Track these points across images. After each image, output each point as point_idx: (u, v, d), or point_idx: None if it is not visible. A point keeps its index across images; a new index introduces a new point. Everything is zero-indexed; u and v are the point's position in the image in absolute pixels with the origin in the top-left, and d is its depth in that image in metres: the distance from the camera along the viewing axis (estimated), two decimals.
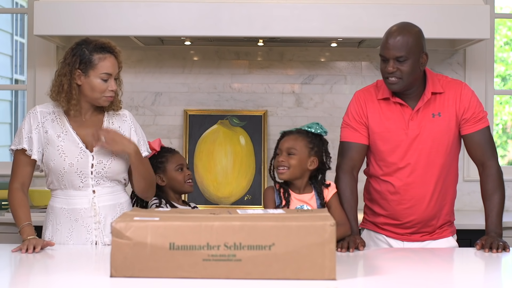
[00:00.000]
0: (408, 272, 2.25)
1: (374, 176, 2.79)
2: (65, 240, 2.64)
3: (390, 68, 2.60)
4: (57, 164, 2.61)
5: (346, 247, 2.56)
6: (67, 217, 2.64)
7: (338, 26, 3.57)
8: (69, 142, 2.62)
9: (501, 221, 2.68)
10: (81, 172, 2.61)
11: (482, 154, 2.71)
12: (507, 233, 3.05)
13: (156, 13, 3.56)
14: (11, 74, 8.19)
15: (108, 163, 2.63)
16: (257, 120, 4.09)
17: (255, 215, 2.08)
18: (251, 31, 3.59)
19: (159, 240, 1.96)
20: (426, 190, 2.70)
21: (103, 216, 2.64)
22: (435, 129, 2.68)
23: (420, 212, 2.71)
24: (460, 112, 2.69)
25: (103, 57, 2.61)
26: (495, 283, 2.18)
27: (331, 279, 1.95)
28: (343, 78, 4.16)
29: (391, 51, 2.59)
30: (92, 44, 2.62)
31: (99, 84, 2.60)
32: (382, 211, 2.78)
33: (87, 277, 2.07)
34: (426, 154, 2.68)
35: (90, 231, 2.63)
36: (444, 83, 2.72)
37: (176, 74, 4.15)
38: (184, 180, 2.94)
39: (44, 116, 2.66)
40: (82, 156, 2.62)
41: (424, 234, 2.76)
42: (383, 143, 2.72)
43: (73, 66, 2.60)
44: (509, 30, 9.98)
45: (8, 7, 7.93)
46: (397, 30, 2.62)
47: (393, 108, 2.71)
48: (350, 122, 2.78)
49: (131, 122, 2.76)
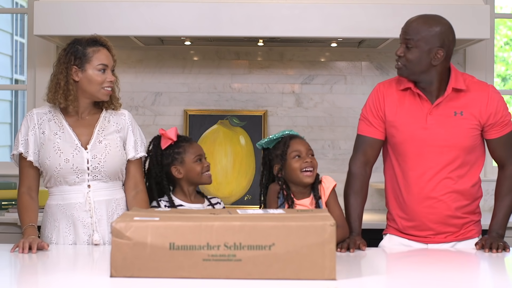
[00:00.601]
0: (408, 272, 2.25)
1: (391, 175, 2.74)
2: (64, 236, 2.65)
3: (398, 51, 2.62)
4: (52, 161, 2.63)
5: (346, 247, 2.55)
6: (63, 213, 2.65)
7: (338, 26, 3.57)
8: (65, 139, 2.65)
9: (506, 223, 2.67)
10: (77, 168, 2.63)
11: (506, 157, 2.70)
12: (509, 233, 3.04)
13: (156, 13, 3.56)
14: (11, 74, 8.19)
15: (103, 157, 2.65)
16: (257, 120, 4.09)
17: (255, 215, 2.08)
18: (251, 31, 3.59)
19: (159, 240, 1.96)
20: (442, 188, 2.64)
21: (98, 210, 2.65)
22: (456, 128, 2.62)
23: (438, 211, 2.65)
24: (486, 115, 2.63)
25: (97, 49, 2.66)
26: (496, 284, 2.18)
27: (331, 279, 1.95)
28: (343, 78, 4.16)
29: (402, 31, 2.62)
30: (84, 40, 2.68)
31: (96, 75, 2.63)
32: (401, 213, 2.72)
33: (87, 277, 2.07)
34: (444, 151, 2.62)
35: (87, 226, 2.64)
36: (470, 83, 2.67)
37: (176, 74, 4.15)
38: (202, 171, 2.80)
39: (41, 117, 2.68)
40: (77, 152, 2.64)
41: (447, 234, 2.69)
42: (399, 134, 2.66)
43: (69, 63, 2.64)
44: (509, 30, 9.99)
45: (8, 7, 7.94)
46: (418, 16, 2.64)
47: (412, 99, 2.66)
48: (367, 115, 2.74)
49: (129, 121, 2.77)
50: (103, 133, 2.69)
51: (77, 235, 2.64)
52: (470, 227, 2.72)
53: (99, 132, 2.69)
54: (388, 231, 2.82)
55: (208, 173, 2.82)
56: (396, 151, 2.70)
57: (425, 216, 2.67)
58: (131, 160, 2.75)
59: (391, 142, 2.72)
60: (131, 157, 2.74)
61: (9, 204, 3.86)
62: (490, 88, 2.68)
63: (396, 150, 2.70)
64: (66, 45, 2.70)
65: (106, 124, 2.72)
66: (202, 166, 2.79)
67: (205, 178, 2.81)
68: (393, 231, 2.79)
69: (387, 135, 2.72)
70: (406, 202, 2.69)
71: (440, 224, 2.67)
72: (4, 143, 7.64)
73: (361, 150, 2.74)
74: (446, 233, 2.70)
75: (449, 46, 2.61)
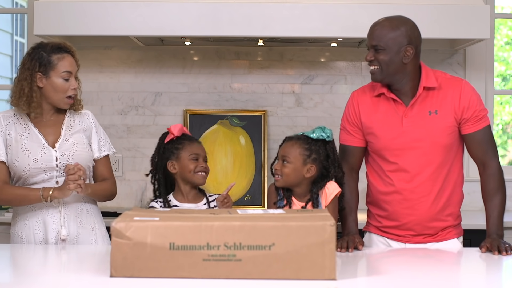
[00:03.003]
0: (408, 272, 2.25)
1: (373, 175, 2.77)
2: (34, 233, 2.68)
3: (367, 57, 2.64)
4: (21, 161, 2.66)
5: (346, 246, 2.55)
6: (33, 211, 2.69)
7: (338, 26, 3.57)
8: (32, 139, 2.69)
9: (502, 222, 2.66)
10: (46, 167, 2.67)
11: (483, 154, 2.69)
12: (508, 233, 3.04)
13: (156, 13, 3.56)
14: (11, 74, 8.19)
15: (71, 154, 2.70)
16: (257, 120, 4.09)
17: (255, 215, 2.08)
18: (251, 31, 3.59)
19: (159, 240, 1.96)
20: (424, 189, 2.66)
21: (67, 206, 2.69)
22: (432, 127, 2.64)
23: (419, 212, 2.67)
24: (459, 111, 2.65)
25: (61, 56, 2.70)
26: (496, 284, 2.18)
27: (331, 279, 1.95)
28: (343, 78, 4.16)
29: (368, 39, 2.65)
30: (48, 46, 2.72)
31: (61, 83, 2.68)
32: (382, 212, 2.76)
33: (87, 277, 2.07)
34: (424, 152, 2.65)
35: (55, 222, 2.68)
36: (442, 80, 2.68)
37: (176, 74, 4.15)
38: (195, 170, 2.73)
39: (6, 120, 2.74)
40: (46, 151, 2.68)
41: (426, 236, 2.72)
42: (377, 141, 2.70)
43: (33, 69, 2.68)
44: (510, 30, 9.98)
45: (8, 7, 7.94)
46: (380, 21, 2.67)
47: (386, 105, 2.69)
48: (345, 124, 2.79)
49: (93, 121, 2.86)
50: (70, 132, 2.75)
51: (46, 232, 2.68)
52: (449, 229, 2.74)
53: (66, 130, 2.75)
54: (368, 228, 2.86)
55: (202, 173, 2.76)
56: (377, 154, 2.73)
57: (405, 217, 2.69)
58: (97, 160, 2.82)
59: (371, 147, 2.75)
60: (96, 157, 2.81)
61: None
62: (462, 83, 2.69)
63: (376, 153, 2.73)
64: (30, 49, 2.73)
65: (71, 123, 2.78)
66: (197, 165, 2.74)
67: (198, 177, 2.75)
68: (373, 229, 2.82)
69: (367, 141, 2.75)
70: (387, 201, 2.71)
71: (419, 226, 2.69)
72: None
73: (345, 158, 2.79)
74: (425, 235, 2.71)
75: (417, 42, 2.64)
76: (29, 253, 2.50)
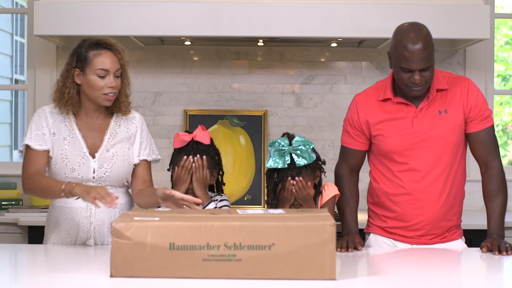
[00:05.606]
0: (408, 272, 2.25)
1: (380, 177, 2.74)
2: (63, 239, 2.64)
3: (418, 78, 2.53)
4: (58, 168, 2.60)
5: (345, 246, 2.55)
6: (65, 216, 2.63)
7: (338, 26, 3.57)
8: (74, 145, 2.61)
9: (504, 223, 2.66)
10: (82, 177, 2.60)
11: (486, 154, 2.69)
12: (509, 233, 3.04)
13: (156, 13, 3.56)
14: (11, 74, 8.20)
15: (109, 167, 2.62)
16: (257, 120, 4.09)
17: (255, 215, 2.08)
18: (251, 31, 3.59)
19: (159, 240, 1.96)
20: (435, 189, 2.64)
21: (99, 216, 2.62)
22: (443, 127, 2.63)
23: (430, 212, 2.65)
24: (467, 109, 2.64)
25: (98, 53, 2.58)
26: (497, 284, 2.18)
27: (331, 279, 1.95)
28: (343, 78, 4.16)
29: (414, 63, 2.52)
30: (88, 41, 2.62)
31: (95, 80, 2.57)
32: (389, 214, 2.72)
33: (87, 277, 2.07)
34: (435, 152, 2.63)
35: (86, 231, 2.62)
36: (450, 80, 2.68)
37: (176, 74, 4.15)
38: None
39: (53, 117, 2.65)
40: (84, 161, 2.60)
41: (433, 236, 2.70)
42: (386, 142, 2.68)
43: (71, 65, 2.61)
44: (510, 30, 9.99)
45: (8, 7, 7.94)
46: (416, 39, 2.52)
47: (395, 107, 2.67)
48: (347, 127, 2.78)
49: (139, 124, 2.73)
50: (112, 141, 2.65)
51: (77, 239, 2.63)
52: (453, 229, 2.73)
53: (109, 139, 2.65)
54: (371, 230, 2.82)
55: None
56: (384, 156, 2.71)
57: (415, 217, 2.67)
58: (136, 164, 2.71)
59: (378, 149, 2.72)
60: (135, 162, 2.70)
61: (9, 204, 3.86)
62: (469, 82, 2.69)
63: (384, 155, 2.71)
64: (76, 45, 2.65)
65: (116, 129, 2.68)
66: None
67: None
68: (377, 230, 2.79)
69: (374, 143, 2.73)
70: (397, 202, 2.69)
71: (429, 226, 2.67)
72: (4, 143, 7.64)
73: (346, 160, 2.80)
74: (432, 235, 2.70)
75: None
76: (29, 253, 2.50)
